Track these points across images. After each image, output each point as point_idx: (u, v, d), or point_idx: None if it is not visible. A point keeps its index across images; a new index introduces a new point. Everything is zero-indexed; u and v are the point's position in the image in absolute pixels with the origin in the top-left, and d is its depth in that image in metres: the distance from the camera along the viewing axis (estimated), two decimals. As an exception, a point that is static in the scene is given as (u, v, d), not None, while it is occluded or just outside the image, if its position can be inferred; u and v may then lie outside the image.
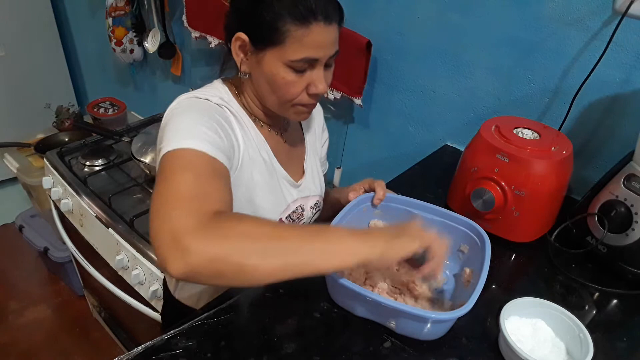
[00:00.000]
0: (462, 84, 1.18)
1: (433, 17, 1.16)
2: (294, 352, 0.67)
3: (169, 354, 0.66)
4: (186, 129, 0.67)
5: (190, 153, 0.64)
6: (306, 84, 0.76)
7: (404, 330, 0.69)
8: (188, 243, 0.54)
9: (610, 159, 0.96)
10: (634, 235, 0.80)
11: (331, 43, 0.74)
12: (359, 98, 1.34)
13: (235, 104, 0.82)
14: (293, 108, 0.79)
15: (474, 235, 0.80)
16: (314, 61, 0.73)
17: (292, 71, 0.73)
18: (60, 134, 2.04)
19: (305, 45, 0.71)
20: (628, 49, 0.91)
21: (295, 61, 0.72)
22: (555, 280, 0.84)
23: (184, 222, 0.55)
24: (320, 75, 0.75)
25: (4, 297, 2.06)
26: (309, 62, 0.73)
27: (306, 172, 0.95)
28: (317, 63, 0.74)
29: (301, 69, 0.74)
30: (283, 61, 0.72)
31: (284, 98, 0.77)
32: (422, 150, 1.24)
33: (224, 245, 0.55)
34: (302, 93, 0.77)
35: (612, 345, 0.72)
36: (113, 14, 1.88)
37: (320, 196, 1.00)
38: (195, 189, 0.60)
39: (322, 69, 0.76)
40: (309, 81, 0.75)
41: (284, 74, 0.73)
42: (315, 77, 0.75)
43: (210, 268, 0.55)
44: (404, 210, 0.85)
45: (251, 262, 0.56)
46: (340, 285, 0.69)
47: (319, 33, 0.71)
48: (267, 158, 0.84)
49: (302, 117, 0.84)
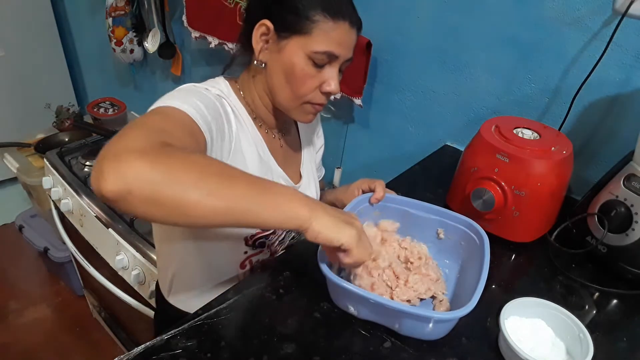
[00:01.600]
0: (462, 84, 1.18)
1: (433, 17, 1.16)
2: (294, 352, 0.67)
3: (169, 354, 0.66)
4: (176, 96, 0.65)
5: (172, 109, 0.62)
6: (320, 82, 0.77)
7: (406, 330, 0.69)
8: (132, 159, 0.49)
9: (610, 159, 0.96)
10: (634, 235, 0.80)
11: (351, 46, 0.77)
12: (359, 98, 1.34)
13: (235, 99, 0.82)
14: (302, 106, 0.80)
15: (472, 234, 0.80)
16: (334, 58, 0.75)
17: (312, 64, 0.75)
18: (60, 134, 2.04)
19: (331, 39, 0.73)
20: (628, 49, 0.91)
21: (319, 53, 0.73)
22: (555, 280, 0.84)
23: (135, 142, 0.51)
24: (335, 74, 0.77)
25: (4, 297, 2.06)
26: (330, 57, 0.75)
27: (303, 177, 0.96)
28: (336, 61, 0.76)
29: (321, 64, 0.75)
30: (306, 51, 0.74)
31: (298, 91, 0.77)
32: (422, 150, 1.24)
33: (169, 171, 0.50)
34: (316, 90, 0.78)
35: (612, 345, 0.72)
36: (113, 14, 1.89)
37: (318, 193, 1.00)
38: (160, 125, 0.58)
39: (337, 69, 0.77)
40: (324, 79, 0.77)
41: (304, 64, 0.75)
42: (331, 75, 0.77)
43: (147, 191, 0.49)
44: (403, 211, 0.85)
45: (193, 196, 0.51)
46: (342, 289, 0.69)
47: (345, 32, 0.74)
48: (264, 156, 0.84)
49: (307, 119, 0.83)
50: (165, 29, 1.85)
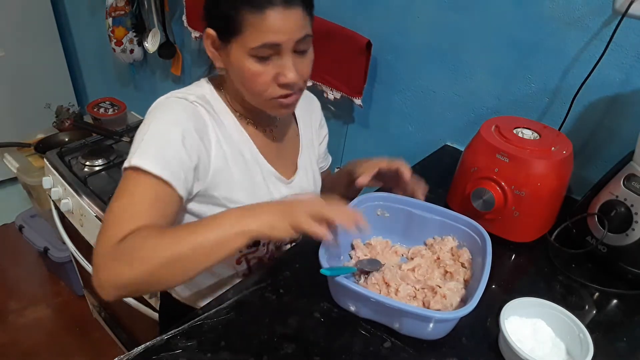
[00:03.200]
0: (462, 84, 1.18)
1: (433, 17, 1.16)
2: (294, 352, 0.67)
3: (169, 354, 0.66)
4: (152, 143, 0.70)
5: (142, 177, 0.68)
6: (275, 74, 0.73)
7: (407, 330, 0.69)
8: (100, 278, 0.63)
9: (610, 159, 0.96)
10: (634, 235, 0.80)
11: (294, 27, 0.71)
12: (359, 98, 1.34)
13: (219, 102, 0.82)
14: (269, 102, 0.77)
15: (475, 235, 0.80)
16: (276, 46, 0.71)
17: (256, 61, 0.72)
18: (60, 134, 2.04)
19: (262, 31, 0.69)
20: (628, 49, 0.91)
21: (256, 48, 0.70)
22: (555, 280, 0.84)
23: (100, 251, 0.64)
24: (288, 62, 0.73)
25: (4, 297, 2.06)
26: (271, 48, 0.71)
27: (299, 168, 0.94)
28: (282, 49, 0.71)
29: (265, 56, 0.72)
30: (245, 51, 0.71)
31: (254, 91, 0.76)
32: (422, 150, 1.24)
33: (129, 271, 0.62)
34: (272, 85, 0.74)
35: (612, 345, 0.72)
36: (113, 14, 1.88)
37: (315, 193, 0.99)
38: (122, 214, 0.67)
39: (291, 55, 0.73)
40: (277, 71, 0.73)
41: (249, 64, 0.72)
42: (283, 65, 0.73)
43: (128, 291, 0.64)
44: (406, 211, 0.85)
45: (155, 277, 0.63)
46: (343, 287, 0.69)
47: (277, 17, 0.69)
48: (250, 156, 0.83)
49: (281, 112, 0.81)
50: (165, 29, 1.85)
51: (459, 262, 0.80)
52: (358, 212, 0.68)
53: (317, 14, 1.35)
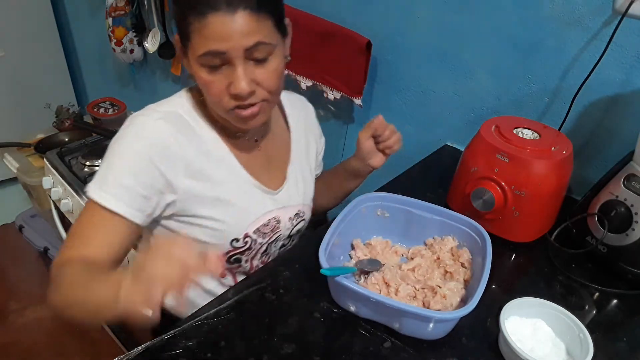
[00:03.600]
0: (462, 84, 1.18)
1: (433, 17, 1.16)
2: (294, 352, 0.67)
3: (169, 354, 0.66)
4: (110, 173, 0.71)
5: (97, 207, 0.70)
6: (227, 84, 0.70)
7: (407, 330, 0.69)
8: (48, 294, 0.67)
9: (610, 159, 0.96)
10: (634, 235, 0.80)
11: (241, 33, 0.65)
12: (359, 98, 1.34)
13: (195, 115, 0.78)
14: (228, 114, 0.74)
15: (475, 235, 0.80)
16: (221, 55, 0.67)
17: (207, 70, 0.69)
18: (60, 134, 2.04)
19: (206, 38, 0.66)
20: (628, 49, 0.91)
21: (201, 56, 0.67)
22: (555, 280, 0.84)
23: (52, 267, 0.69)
24: (237, 72, 0.68)
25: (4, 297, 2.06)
26: (217, 57, 0.67)
27: (288, 179, 0.91)
28: (231, 57, 0.67)
29: (213, 65, 0.68)
30: (195, 58, 0.69)
31: (211, 100, 0.73)
32: (422, 150, 1.24)
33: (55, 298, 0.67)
34: (226, 95, 0.71)
35: (612, 345, 0.72)
36: (113, 14, 1.88)
37: (305, 205, 0.95)
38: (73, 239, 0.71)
39: (242, 64, 0.68)
40: (228, 80, 0.69)
41: (200, 72, 0.69)
42: (233, 75, 0.68)
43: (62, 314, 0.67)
44: (406, 211, 0.85)
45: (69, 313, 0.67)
46: (343, 287, 0.69)
47: (220, 23, 0.64)
48: (229, 170, 0.81)
49: (245, 125, 0.76)
50: (165, 29, 1.85)
51: (459, 262, 0.80)
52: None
53: (317, 13, 1.37)
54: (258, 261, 0.91)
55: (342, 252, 0.83)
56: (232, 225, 0.81)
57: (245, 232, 0.83)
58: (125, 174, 0.71)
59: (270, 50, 0.70)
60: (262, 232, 0.86)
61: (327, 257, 0.71)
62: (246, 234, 0.83)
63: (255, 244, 0.86)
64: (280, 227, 0.89)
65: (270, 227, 0.87)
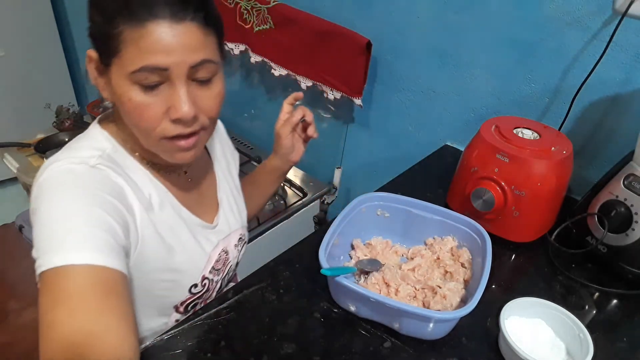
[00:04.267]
0: (462, 84, 1.18)
1: (433, 17, 1.16)
2: (294, 352, 0.67)
3: (169, 354, 0.66)
4: (61, 231, 0.53)
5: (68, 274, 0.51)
6: (166, 108, 0.58)
7: (407, 330, 0.69)
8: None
9: (610, 159, 0.96)
10: (634, 235, 0.80)
11: (187, 47, 0.56)
12: (359, 98, 1.34)
13: (123, 154, 0.66)
14: (161, 144, 0.62)
15: (475, 235, 0.80)
16: (161, 71, 0.56)
17: (141, 89, 0.57)
18: (60, 134, 2.04)
19: (143, 51, 0.54)
20: (628, 49, 0.91)
21: (136, 73, 0.55)
22: (555, 280, 0.84)
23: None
24: (180, 93, 0.57)
25: (4, 297, 2.06)
26: (156, 73, 0.56)
27: (221, 204, 0.82)
28: (172, 75, 0.56)
29: (150, 84, 0.56)
30: (125, 76, 0.56)
31: (141, 128, 0.60)
32: (422, 150, 1.24)
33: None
34: (164, 121, 0.59)
35: (612, 345, 0.72)
36: (113, 14, 1.88)
37: (243, 227, 0.88)
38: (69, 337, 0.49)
39: (185, 84, 0.58)
40: (168, 103, 0.58)
41: (130, 93, 0.57)
42: (174, 96, 0.57)
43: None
44: (404, 210, 0.85)
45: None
46: (343, 287, 0.69)
47: (162, 33, 0.54)
48: (173, 213, 0.71)
49: (179, 158, 0.64)
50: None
51: (459, 262, 0.80)
52: None
53: (317, 13, 1.37)
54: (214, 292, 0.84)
55: (342, 252, 0.83)
56: (188, 271, 0.73)
57: (202, 274, 0.75)
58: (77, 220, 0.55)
59: (215, 71, 0.61)
60: (216, 270, 0.79)
61: (327, 257, 0.71)
62: (204, 277, 0.76)
63: (212, 284, 0.79)
64: (230, 258, 0.83)
65: (222, 262, 0.80)
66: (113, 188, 0.61)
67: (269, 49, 1.48)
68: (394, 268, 0.78)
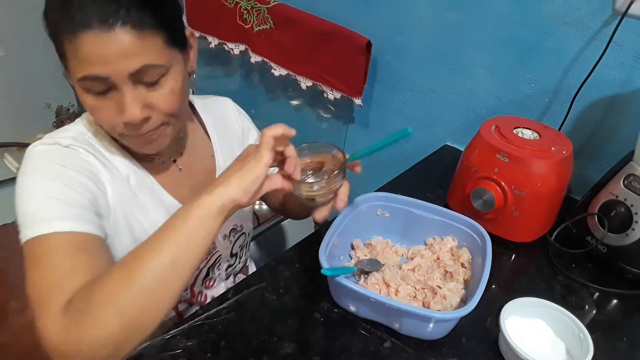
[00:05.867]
0: (462, 84, 1.18)
1: (433, 17, 1.16)
2: (294, 352, 0.67)
3: (169, 354, 0.66)
4: (35, 207, 0.60)
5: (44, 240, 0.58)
6: (116, 110, 0.61)
7: (407, 330, 0.69)
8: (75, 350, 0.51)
9: (610, 159, 0.96)
10: (634, 235, 0.80)
11: (121, 55, 0.56)
12: (359, 98, 1.34)
13: (102, 139, 0.69)
14: (123, 138, 0.65)
15: (475, 235, 0.80)
16: (103, 80, 0.57)
17: (89, 94, 0.60)
18: (60, 134, 2.04)
19: (81, 61, 0.56)
20: (628, 49, 0.91)
21: (81, 81, 0.58)
22: (555, 280, 0.84)
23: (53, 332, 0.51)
24: (126, 98, 0.59)
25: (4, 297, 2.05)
26: (100, 82, 0.58)
27: None
28: (115, 82, 0.58)
29: (98, 91, 0.59)
30: (75, 81, 0.59)
31: (101, 124, 0.64)
32: (422, 150, 1.24)
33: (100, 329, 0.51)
34: (118, 120, 0.61)
35: (612, 345, 0.72)
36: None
37: (241, 218, 0.87)
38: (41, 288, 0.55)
39: (130, 89, 0.59)
40: (117, 106, 0.60)
41: (83, 97, 0.60)
42: (121, 102, 0.59)
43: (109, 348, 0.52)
44: (404, 210, 0.85)
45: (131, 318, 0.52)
46: (343, 287, 0.69)
47: (93, 44, 0.55)
48: (150, 196, 0.73)
49: (147, 149, 0.67)
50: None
51: (459, 262, 0.80)
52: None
53: (317, 14, 1.37)
54: (200, 287, 0.86)
55: (342, 252, 0.83)
56: None
57: None
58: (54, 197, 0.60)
59: (162, 72, 0.61)
60: None
61: (327, 257, 0.71)
62: None
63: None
64: (218, 248, 0.84)
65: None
66: (82, 165, 0.64)
67: (269, 49, 1.48)
68: (394, 268, 0.78)
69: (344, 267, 0.77)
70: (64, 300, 0.53)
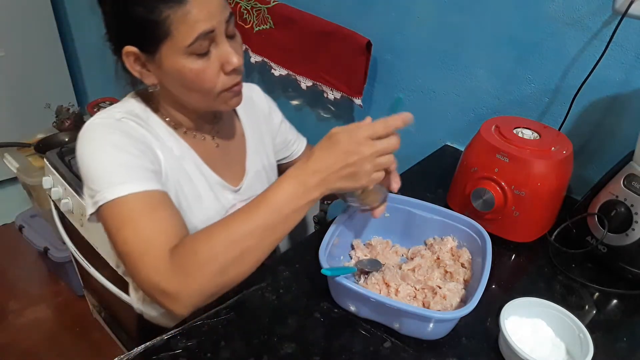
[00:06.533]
0: (462, 84, 1.18)
1: (433, 17, 1.16)
2: (294, 352, 0.67)
3: (169, 354, 0.66)
4: (108, 172, 0.67)
5: (123, 202, 0.65)
6: (219, 65, 0.70)
7: (407, 330, 0.69)
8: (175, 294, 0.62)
9: (610, 159, 0.96)
10: (634, 235, 0.80)
11: (219, 6, 0.67)
12: (359, 98, 1.34)
13: (152, 116, 0.78)
14: (221, 97, 0.73)
15: (475, 235, 0.80)
16: (210, 34, 0.67)
17: (196, 58, 0.68)
18: (60, 134, 2.04)
19: (192, 24, 0.65)
20: (628, 49, 0.91)
21: (192, 44, 0.66)
22: (555, 280, 0.84)
23: (155, 280, 0.62)
24: (227, 48, 0.69)
25: (4, 297, 2.06)
26: (207, 38, 0.67)
27: (248, 172, 0.89)
28: (216, 36, 0.68)
29: (203, 51, 0.68)
30: (180, 52, 0.67)
31: (204, 89, 0.71)
32: (422, 150, 1.24)
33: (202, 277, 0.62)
34: (220, 76, 0.71)
35: (612, 345, 0.72)
36: (113, 14, 1.88)
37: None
38: (140, 243, 0.64)
39: (226, 40, 0.69)
40: (220, 61, 0.70)
41: (190, 64, 0.68)
42: (224, 53, 0.69)
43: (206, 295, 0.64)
44: (404, 210, 0.85)
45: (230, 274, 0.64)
46: (343, 287, 0.69)
47: (200, 4, 0.65)
48: (194, 167, 0.80)
49: (233, 104, 0.76)
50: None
51: (459, 262, 0.80)
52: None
53: (317, 14, 1.37)
54: None
55: (342, 252, 0.83)
56: (201, 221, 0.79)
57: None
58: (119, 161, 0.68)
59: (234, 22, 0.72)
60: None
61: (327, 257, 0.71)
62: None
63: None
64: None
65: None
66: (135, 137, 0.72)
67: (269, 49, 1.48)
68: (394, 268, 0.78)
69: (344, 267, 0.77)
70: (166, 249, 0.63)
